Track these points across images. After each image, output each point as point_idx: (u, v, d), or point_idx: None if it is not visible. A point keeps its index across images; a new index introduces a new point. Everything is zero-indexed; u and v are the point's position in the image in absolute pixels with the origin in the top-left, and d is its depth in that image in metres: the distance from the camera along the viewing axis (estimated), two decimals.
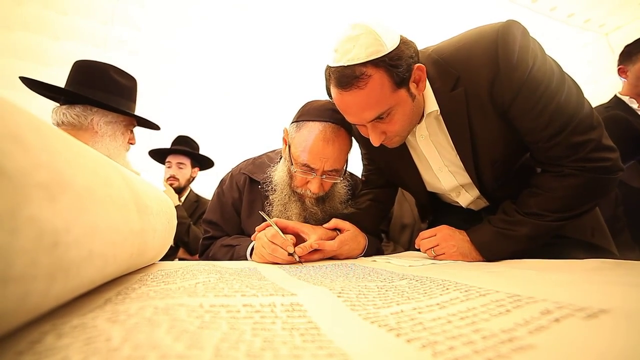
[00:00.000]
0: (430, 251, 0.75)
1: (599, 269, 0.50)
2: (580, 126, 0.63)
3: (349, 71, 0.61)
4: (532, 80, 0.61)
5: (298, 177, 0.86)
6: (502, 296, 0.30)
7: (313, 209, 0.91)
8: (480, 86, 0.65)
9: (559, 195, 0.67)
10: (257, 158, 1.08)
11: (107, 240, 0.26)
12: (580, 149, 0.63)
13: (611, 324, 0.21)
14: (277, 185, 0.91)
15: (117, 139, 1.08)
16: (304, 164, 0.83)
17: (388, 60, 0.60)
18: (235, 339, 0.19)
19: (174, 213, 0.62)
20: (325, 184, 0.88)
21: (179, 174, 1.91)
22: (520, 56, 0.61)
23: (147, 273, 0.45)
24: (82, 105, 1.02)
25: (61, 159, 0.21)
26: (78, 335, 0.19)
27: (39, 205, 0.17)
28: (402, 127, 0.69)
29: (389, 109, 0.65)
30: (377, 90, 0.61)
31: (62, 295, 0.22)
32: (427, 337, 0.20)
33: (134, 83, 1.16)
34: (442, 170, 0.81)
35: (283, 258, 0.69)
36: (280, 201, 0.90)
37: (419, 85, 0.67)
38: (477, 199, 0.85)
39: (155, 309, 0.24)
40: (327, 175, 0.85)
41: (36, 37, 2.17)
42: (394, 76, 0.61)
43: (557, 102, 0.62)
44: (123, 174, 0.36)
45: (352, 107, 0.65)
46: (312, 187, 0.85)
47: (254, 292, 0.32)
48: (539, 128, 0.64)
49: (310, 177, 0.85)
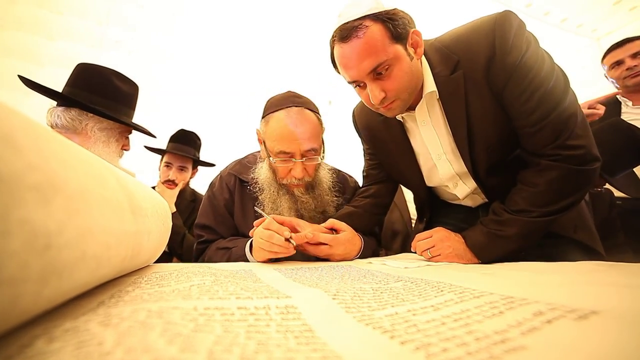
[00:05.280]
0: (426, 252, 0.75)
1: (593, 271, 0.51)
2: (563, 114, 0.66)
3: (349, 25, 0.66)
4: (524, 66, 0.65)
5: (280, 168, 0.88)
6: (495, 298, 0.30)
7: (303, 198, 0.91)
8: (478, 69, 0.69)
9: (541, 190, 0.69)
10: (243, 158, 1.09)
11: (100, 242, 0.26)
12: (560, 135, 0.66)
13: (601, 325, 0.21)
14: (263, 184, 0.92)
15: (111, 145, 1.07)
16: (280, 152, 0.85)
17: (385, 14, 0.66)
18: (229, 342, 0.19)
19: (168, 214, 0.61)
20: (307, 168, 0.89)
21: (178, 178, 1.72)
22: (514, 42, 0.65)
23: (141, 275, 0.44)
24: (79, 109, 1.01)
25: (54, 160, 0.21)
26: (70, 339, 0.19)
27: (31, 208, 0.17)
28: (401, 86, 0.70)
29: (387, 62, 0.67)
30: (374, 40, 0.65)
31: (54, 298, 0.22)
32: (420, 339, 0.21)
33: (135, 89, 1.14)
34: (441, 158, 0.82)
35: (280, 244, 0.70)
36: (270, 198, 0.91)
37: (416, 51, 0.71)
38: (474, 194, 0.86)
39: (148, 312, 0.24)
40: (306, 158, 0.87)
41: (31, 36, 2.15)
42: (391, 29, 0.66)
43: (545, 89, 0.66)
44: (117, 175, 0.36)
45: (351, 58, 0.68)
46: (296, 172, 0.87)
47: (249, 295, 0.32)
48: (527, 112, 0.68)
49: (290, 165, 0.87)
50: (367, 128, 0.95)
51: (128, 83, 1.11)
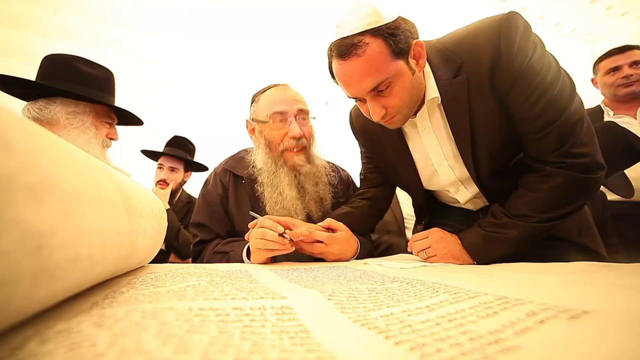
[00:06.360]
0: (422, 253, 0.76)
1: (586, 271, 0.52)
2: (569, 120, 0.64)
3: (347, 41, 0.63)
4: (530, 70, 0.63)
5: (276, 132, 0.92)
6: (490, 298, 0.30)
7: (301, 163, 0.94)
8: (482, 72, 0.66)
9: (544, 196, 0.68)
10: (236, 154, 1.10)
11: (94, 243, 0.26)
12: (565, 142, 0.65)
13: (592, 325, 0.22)
14: (262, 166, 0.94)
15: (88, 132, 1.00)
16: (275, 112, 0.91)
17: (385, 29, 0.62)
18: (224, 343, 0.19)
19: (164, 215, 0.61)
20: (303, 126, 0.93)
21: (170, 178, 1.84)
22: (520, 45, 0.62)
23: (136, 276, 0.44)
24: (45, 98, 0.96)
25: (48, 160, 0.21)
26: (62, 341, 0.18)
27: (24, 208, 0.17)
28: (403, 102, 0.69)
29: (388, 80, 0.65)
30: (374, 58, 0.63)
31: (47, 299, 0.21)
32: (415, 339, 0.21)
33: (107, 74, 1.08)
34: (442, 164, 0.81)
35: (274, 240, 0.70)
36: (269, 176, 0.92)
37: (418, 62, 0.68)
38: (475, 198, 0.86)
39: (143, 312, 0.23)
40: (299, 117, 0.93)
41: (25, 34, 2.13)
42: (392, 45, 0.63)
43: (551, 94, 0.64)
44: (112, 175, 0.36)
45: (351, 76, 0.66)
46: (293, 129, 0.91)
47: (244, 295, 0.32)
48: (531, 118, 0.66)
49: (286, 127, 0.91)
50: (365, 131, 0.94)
51: (97, 68, 1.06)
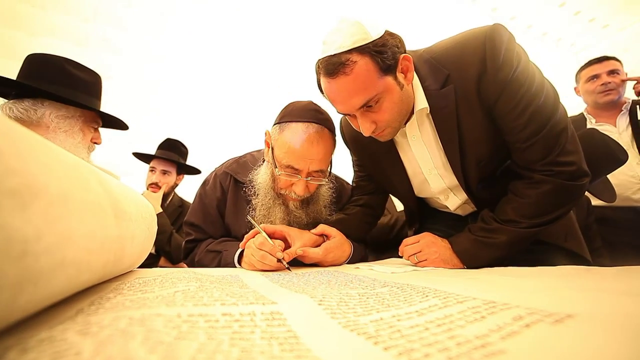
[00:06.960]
0: (413, 257, 0.76)
1: (571, 275, 0.53)
2: (554, 130, 0.67)
3: (335, 59, 0.63)
4: (515, 81, 0.65)
5: (282, 179, 0.85)
6: (478, 303, 0.31)
7: (297, 212, 0.89)
8: (469, 84, 0.68)
9: (532, 202, 0.70)
10: (241, 157, 1.05)
11: (81, 248, 0.25)
12: (551, 151, 0.67)
13: (575, 328, 0.22)
14: (260, 189, 0.90)
15: (75, 136, 0.98)
16: (288, 166, 0.81)
17: (372, 47, 0.62)
18: (212, 350, 0.19)
19: (154, 219, 0.60)
20: (310, 186, 0.86)
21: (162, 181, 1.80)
22: (505, 57, 0.64)
23: (123, 281, 0.43)
24: (32, 98, 0.93)
25: (35, 164, 0.21)
26: (45, 350, 0.18)
27: (8, 213, 0.17)
28: (392, 117, 0.69)
29: (377, 96, 0.65)
30: (362, 76, 0.63)
31: (30, 306, 0.21)
32: (404, 344, 0.21)
33: (96, 78, 1.06)
34: (432, 172, 0.82)
35: (272, 265, 0.69)
36: (264, 205, 0.89)
37: (406, 76, 0.69)
38: (465, 204, 0.87)
39: (130, 319, 0.23)
40: (312, 177, 0.84)
41: (9, 31, 2.07)
42: (379, 62, 0.63)
43: (537, 104, 0.66)
44: (100, 178, 0.35)
45: (339, 94, 0.66)
46: (297, 189, 0.84)
47: (234, 301, 0.32)
48: (518, 128, 0.67)
49: (295, 180, 0.83)
50: (355, 140, 0.94)
51: (86, 71, 1.04)
